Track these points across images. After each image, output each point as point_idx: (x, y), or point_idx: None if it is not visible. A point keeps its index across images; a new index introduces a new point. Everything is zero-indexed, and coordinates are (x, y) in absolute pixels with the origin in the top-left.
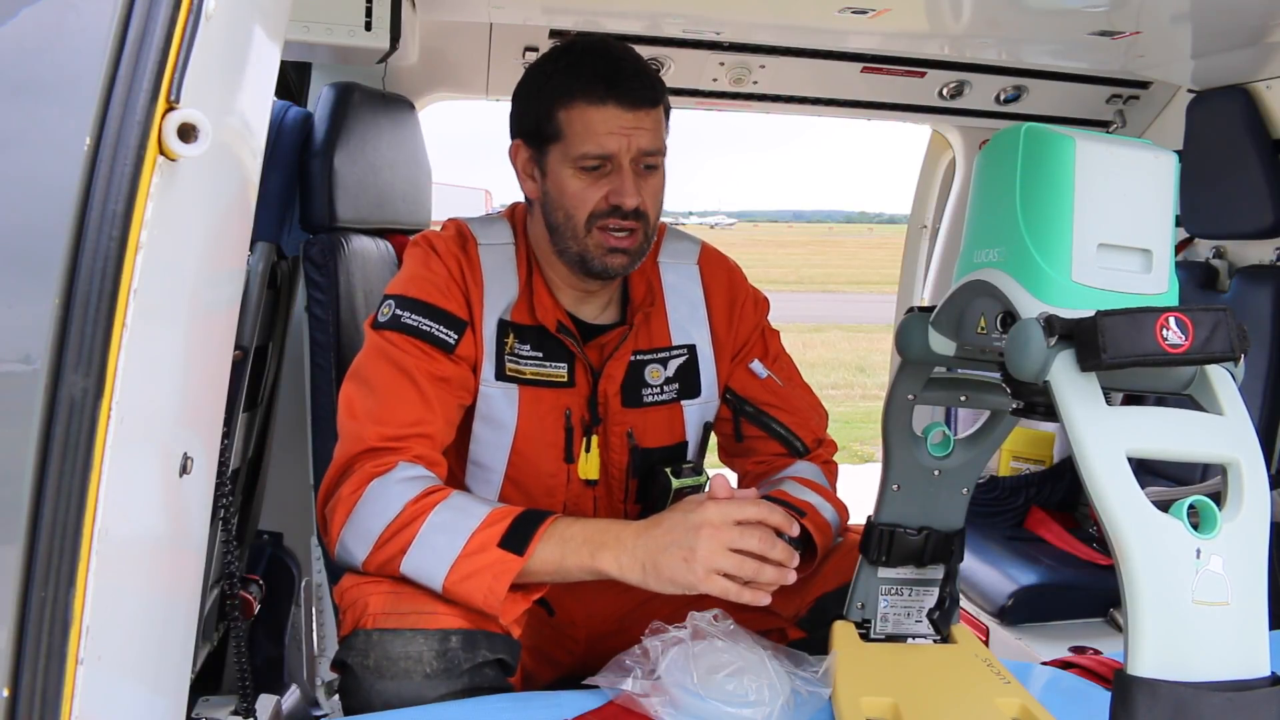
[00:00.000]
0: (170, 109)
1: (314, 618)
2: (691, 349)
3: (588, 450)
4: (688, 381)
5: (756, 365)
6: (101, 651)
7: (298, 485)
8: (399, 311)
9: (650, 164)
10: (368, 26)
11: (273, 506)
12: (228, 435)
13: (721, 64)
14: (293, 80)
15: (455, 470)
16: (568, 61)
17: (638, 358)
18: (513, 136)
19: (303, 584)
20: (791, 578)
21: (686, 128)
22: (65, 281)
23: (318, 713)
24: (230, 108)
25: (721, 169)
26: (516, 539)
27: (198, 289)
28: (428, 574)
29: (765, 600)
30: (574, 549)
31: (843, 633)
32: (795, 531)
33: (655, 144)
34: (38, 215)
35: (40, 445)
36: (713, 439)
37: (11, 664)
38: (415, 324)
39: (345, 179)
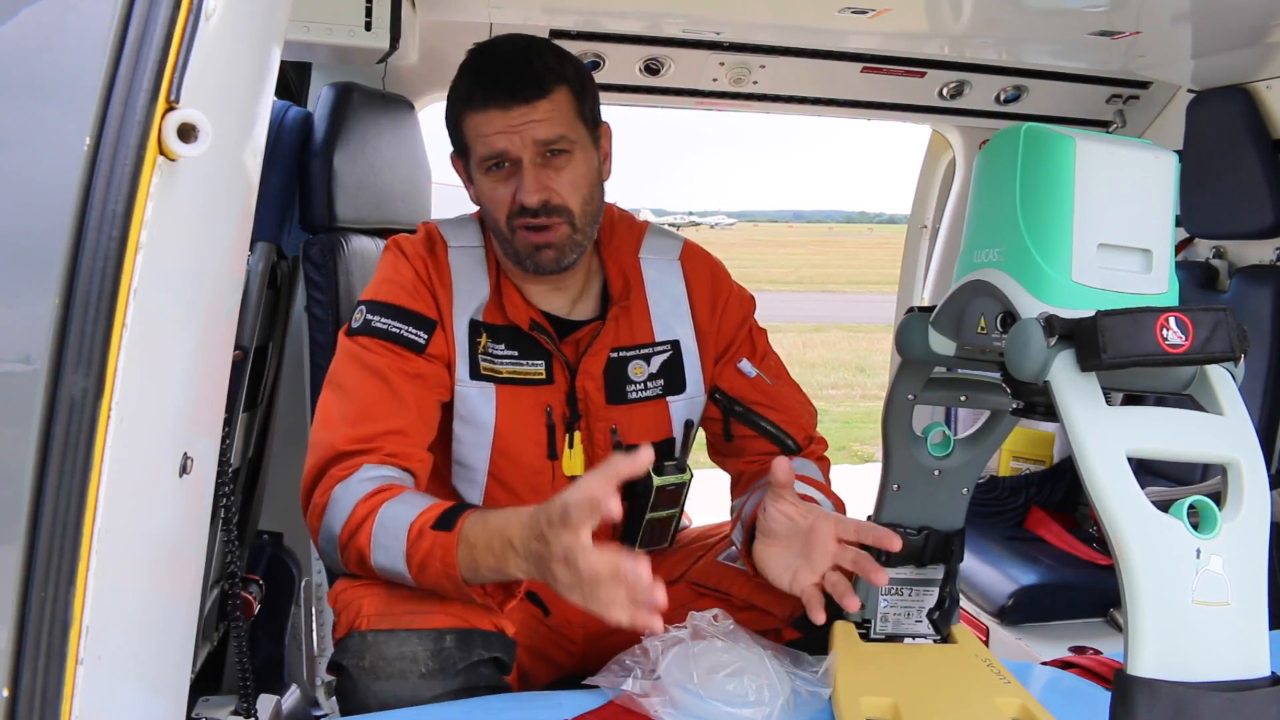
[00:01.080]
0: (170, 109)
1: (314, 617)
2: (675, 345)
3: (571, 447)
4: (672, 377)
5: (745, 365)
6: (101, 651)
7: (298, 485)
8: (369, 316)
9: (557, 150)
10: (368, 26)
11: (273, 506)
12: (228, 435)
13: (721, 64)
14: (293, 80)
15: (442, 471)
16: (459, 74)
17: (619, 354)
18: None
19: (303, 584)
20: (614, 510)
21: (686, 128)
22: (65, 281)
23: (318, 713)
24: (230, 108)
25: (721, 169)
26: (445, 521)
27: (198, 289)
28: (394, 569)
29: (654, 623)
30: (482, 554)
31: (842, 633)
32: (642, 464)
33: (553, 132)
34: (38, 215)
35: (40, 445)
36: (702, 437)
37: (11, 664)
38: (385, 327)
39: (345, 179)
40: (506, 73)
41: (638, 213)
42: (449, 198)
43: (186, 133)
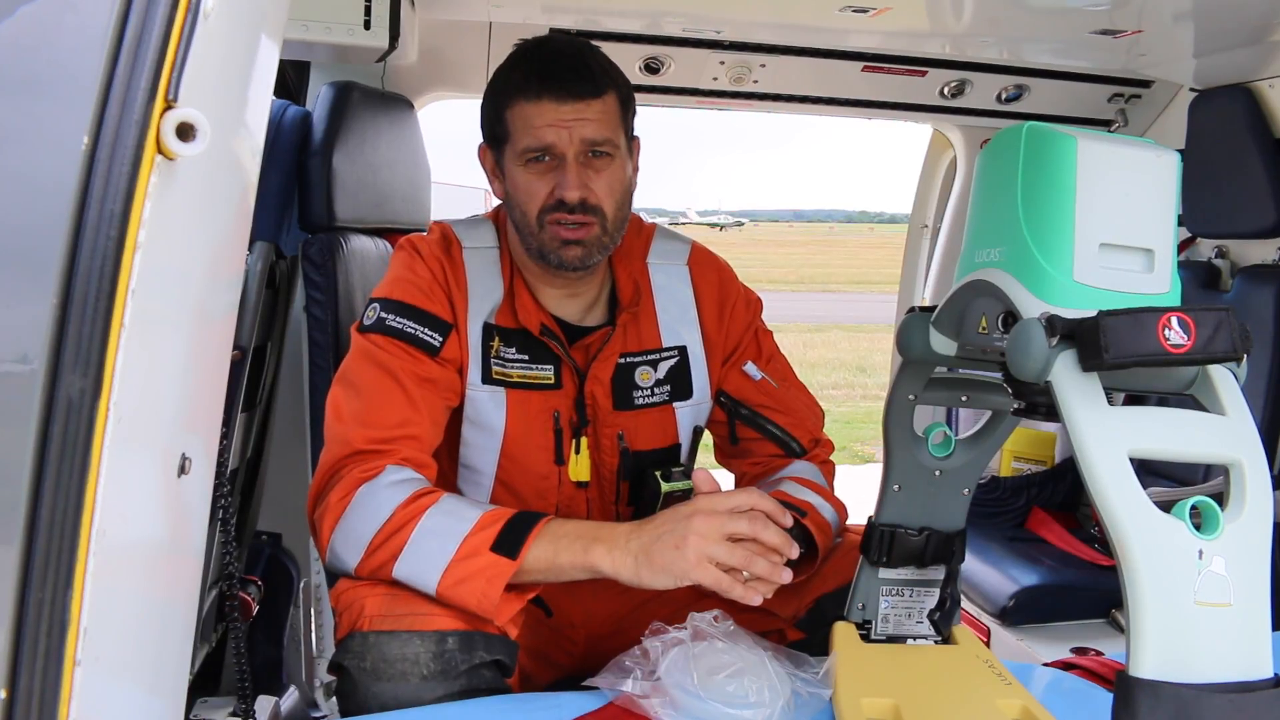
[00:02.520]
0: (168, 108)
1: (313, 618)
2: (682, 350)
3: (577, 452)
4: (679, 383)
5: (750, 367)
6: (99, 653)
7: (297, 485)
8: (383, 314)
9: (600, 152)
10: (367, 25)
11: (272, 506)
12: (226, 435)
13: (722, 63)
14: (291, 79)
15: (447, 473)
16: (511, 62)
17: (627, 360)
18: (482, 140)
19: (301, 584)
20: (786, 576)
21: (686, 127)
22: (63, 281)
23: (316, 714)
24: (229, 107)
25: (722, 169)
26: (509, 543)
27: (196, 289)
28: (421, 579)
29: (756, 599)
30: (567, 545)
31: (843, 633)
32: (788, 523)
33: (601, 133)
34: (36, 214)
35: (38, 446)
36: (708, 439)
37: (9, 665)
38: (399, 326)
39: (344, 178)
40: (565, 68)
41: (685, 214)
42: (449, 197)
43: (185, 132)
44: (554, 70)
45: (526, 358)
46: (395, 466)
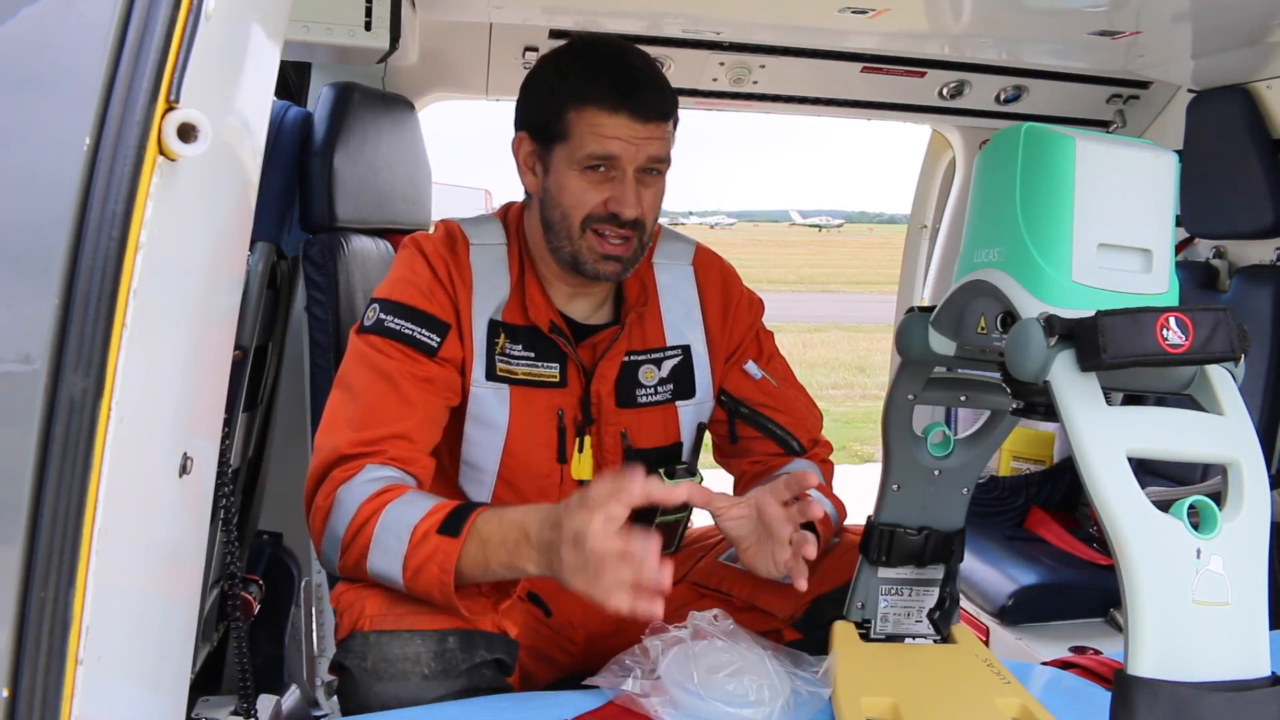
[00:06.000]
0: (170, 109)
1: (314, 617)
2: (686, 350)
3: (581, 450)
4: (682, 382)
5: (751, 366)
6: (101, 651)
7: (298, 485)
8: (382, 316)
9: (653, 170)
10: (368, 26)
11: (273, 506)
12: (228, 435)
13: (721, 64)
14: (293, 80)
15: (449, 471)
16: (584, 63)
17: (631, 358)
18: (518, 129)
19: (303, 584)
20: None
21: (687, 127)
22: (65, 281)
23: (318, 713)
24: (230, 108)
25: (722, 169)
26: (452, 525)
27: (198, 289)
28: (387, 572)
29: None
30: (494, 549)
31: (843, 633)
32: (676, 498)
33: (662, 153)
34: (38, 215)
35: (40, 445)
36: (707, 438)
37: (11, 664)
38: (397, 328)
39: (345, 179)
40: (644, 85)
41: (789, 215)
42: (449, 198)
43: (186, 133)
44: (635, 87)
45: (532, 355)
46: (374, 465)
